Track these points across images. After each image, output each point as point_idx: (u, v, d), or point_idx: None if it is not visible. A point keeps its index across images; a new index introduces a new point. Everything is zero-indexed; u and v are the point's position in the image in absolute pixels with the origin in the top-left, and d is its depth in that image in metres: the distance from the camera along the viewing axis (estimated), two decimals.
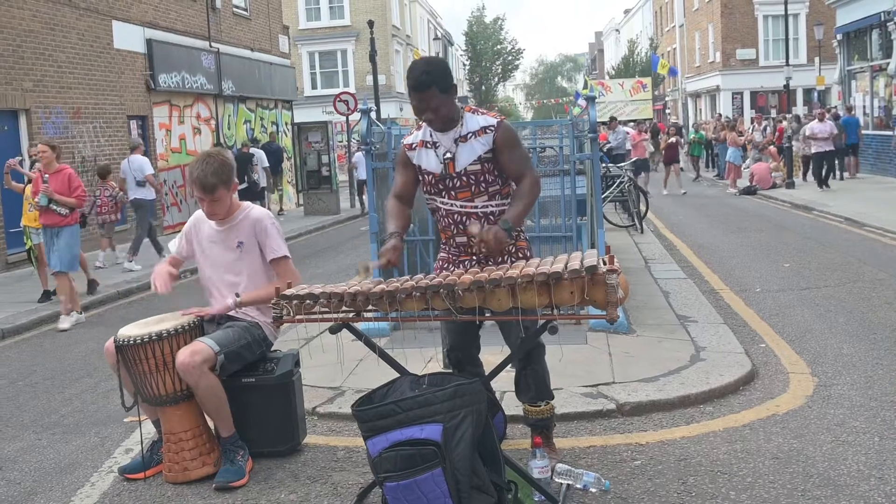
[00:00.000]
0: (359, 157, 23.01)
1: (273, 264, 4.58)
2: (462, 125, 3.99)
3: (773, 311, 7.84)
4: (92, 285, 10.61)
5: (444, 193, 4.05)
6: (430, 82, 3.85)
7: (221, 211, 4.54)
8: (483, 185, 3.99)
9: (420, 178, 4.15)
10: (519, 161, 4.00)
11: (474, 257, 4.06)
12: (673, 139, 23.19)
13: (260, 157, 18.51)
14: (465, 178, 3.99)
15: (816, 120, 20.64)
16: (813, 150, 20.14)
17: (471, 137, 3.97)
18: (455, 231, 4.09)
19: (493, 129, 3.96)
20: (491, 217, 4.01)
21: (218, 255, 4.64)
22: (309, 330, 6.70)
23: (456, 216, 4.04)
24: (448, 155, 3.99)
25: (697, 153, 27.69)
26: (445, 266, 4.15)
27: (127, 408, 4.52)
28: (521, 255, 4.06)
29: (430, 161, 4.06)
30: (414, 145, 4.13)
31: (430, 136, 4.06)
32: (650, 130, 35.92)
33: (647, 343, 6.59)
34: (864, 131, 22.57)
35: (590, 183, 7.55)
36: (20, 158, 10.88)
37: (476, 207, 4.01)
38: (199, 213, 4.76)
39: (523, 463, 4.02)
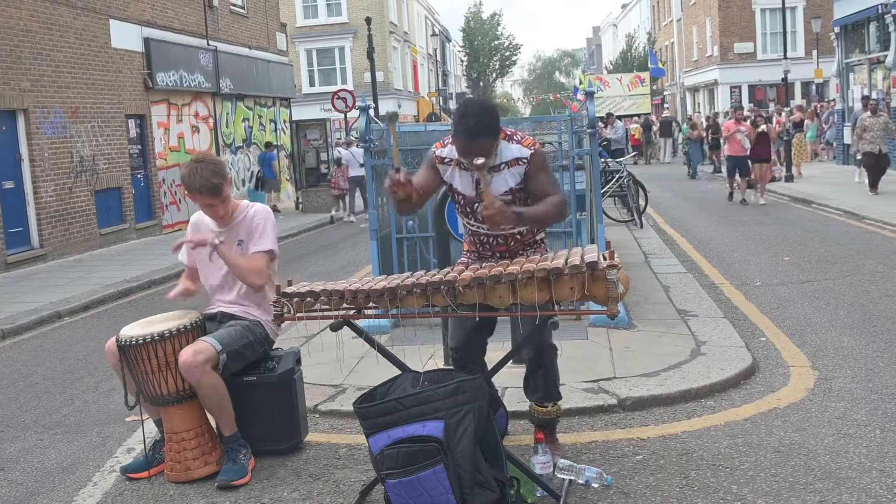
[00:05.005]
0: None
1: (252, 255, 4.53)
2: (497, 155, 3.91)
3: (774, 305, 7.85)
4: None
5: (470, 215, 4.07)
6: (482, 132, 3.74)
7: (230, 209, 4.55)
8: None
9: (451, 194, 4.13)
10: (546, 184, 3.95)
11: (497, 258, 4.08)
12: (763, 127, 17.05)
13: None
14: None
15: None
16: None
17: (504, 168, 3.93)
18: (480, 249, 4.13)
19: (525, 161, 3.92)
20: (517, 237, 4.05)
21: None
22: (309, 328, 6.70)
23: (483, 237, 4.09)
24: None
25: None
26: (466, 263, 4.15)
27: (129, 407, 4.52)
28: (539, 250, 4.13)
29: (463, 184, 4.03)
30: (447, 160, 4.05)
31: None
32: (642, 125, 35.96)
33: (648, 338, 6.59)
34: None
35: (589, 178, 7.55)
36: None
37: (503, 228, 3.99)
38: (195, 217, 4.76)
39: (525, 459, 4.03)
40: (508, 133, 4.00)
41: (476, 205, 3.97)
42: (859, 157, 17.48)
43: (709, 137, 26.79)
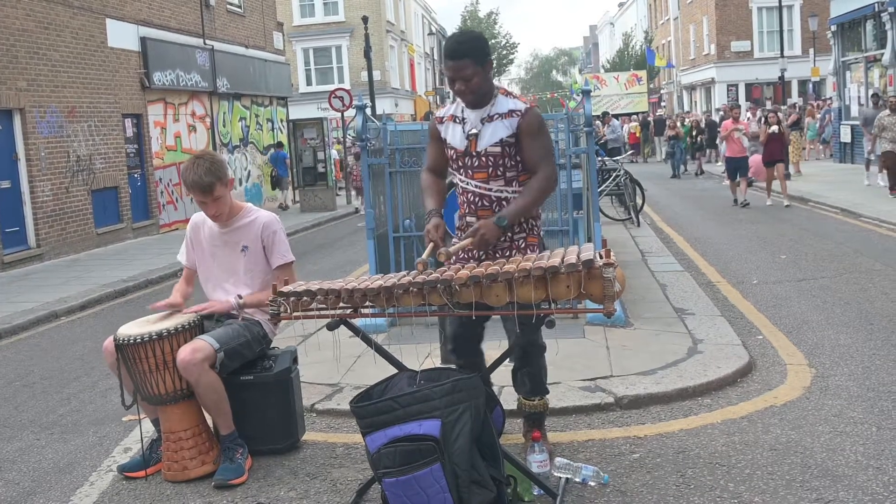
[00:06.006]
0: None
1: (276, 268, 4.59)
2: (493, 105, 4.00)
3: (770, 303, 7.85)
4: None
5: (462, 171, 4.07)
6: (464, 52, 3.87)
7: (224, 210, 4.54)
8: (501, 168, 3.99)
9: (446, 150, 4.16)
10: (537, 151, 3.96)
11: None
12: (774, 128, 15.90)
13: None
14: (483, 159, 3.99)
15: None
16: None
17: (497, 118, 3.98)
18: (467, 210, 4.10)
19: (519, 113, 3.96)
20: (504, 202, 4.01)
21: (221, 258, 4.64)
22: (306, 327, 6.70)
23: (470, 195, 4.05)
24: (473, 132, 4.00)
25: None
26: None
27: (127, 406, 4.52)
28: (528, 251, 4.04)
29: (454, 136, 4.07)
30: (444, 118, 4.16)
31: (461, 111, 4.08)
32: (641, 123, 35.91)
33: (645, 336, 6.59)
34: (859, 123, 22.53)
35: (586, 177, 7.55)
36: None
37: (490, 190, 4.00)
38: (196, 218, 4.76)
39: (522, 457, 4.03)
40: (507, 91, 4.10)
41: (467, 158, 4.02)
42: (872, 157, 16.57)
43: (696, 139, 26.25)
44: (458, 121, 4.08)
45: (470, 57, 3.87)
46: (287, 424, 4.65)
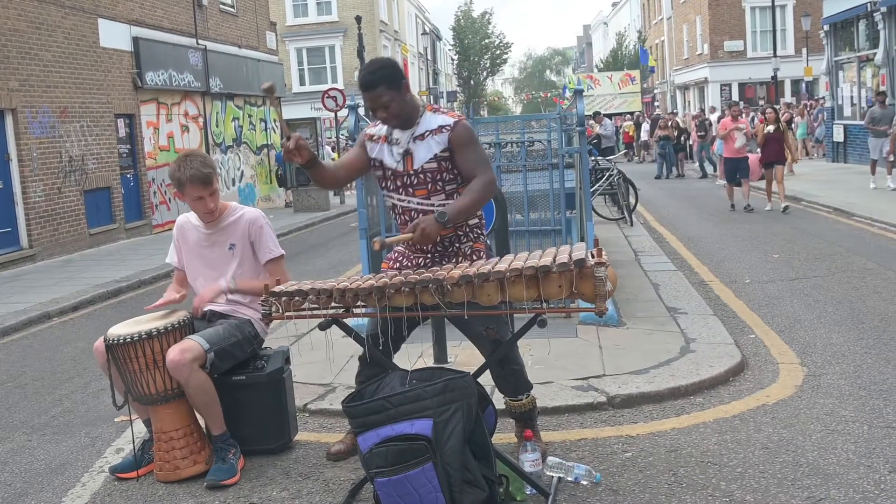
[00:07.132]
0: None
1: (266, 264, 4.58)
2: (420, 123, 4.02)
3: (763, 302, 7.87)
4: None
5: (401, 190, 4.06)
6: (377, 81, 3.89)
7: (219, 205, 4.54)
8: (440, 183, 4.01)
9: (377, 173, 4.16)
10: (473, 161, 3.97)
11: (429, 255, 4.07)
12: (770, 128, 15.12)
13: None
14: (421, 176, 4.00)
15: None
16: None
17: (428, 136, 4.00)
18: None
19: (448, 128, 3.97)
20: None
21: (209, 258, 4.62)
22: (299, 327, 6.70)
23: (413, 213, 4.04)
24: (406, 150, 4.02)
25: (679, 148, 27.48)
26: (399, 260, 4.17)
27: (118, 407, 4.51)
28: (475, 257, 4.04)
29: (389, 157, 4.08)
30: (376, 137, 4.16)
31: (391, 132, 4.09)
32: (634, 123, 35.94)
33: (638, 335, 6.60)
34: (852, 122, 22.62)
35: (578, 176, 7.56)
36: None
37: (432, 205, 3.99)
38: (181, 219, 4.74)
39: (514, 456, 4.03)
40: (435, 107, 4.12)
41: (405, 177, 4.03)
42: (892, 157, 16.14)
43: (679, 139, 25.80)
44: (391, 141, 4.09)
45: (383, 84, 3.89)
46: (279, 424, 4.65)
